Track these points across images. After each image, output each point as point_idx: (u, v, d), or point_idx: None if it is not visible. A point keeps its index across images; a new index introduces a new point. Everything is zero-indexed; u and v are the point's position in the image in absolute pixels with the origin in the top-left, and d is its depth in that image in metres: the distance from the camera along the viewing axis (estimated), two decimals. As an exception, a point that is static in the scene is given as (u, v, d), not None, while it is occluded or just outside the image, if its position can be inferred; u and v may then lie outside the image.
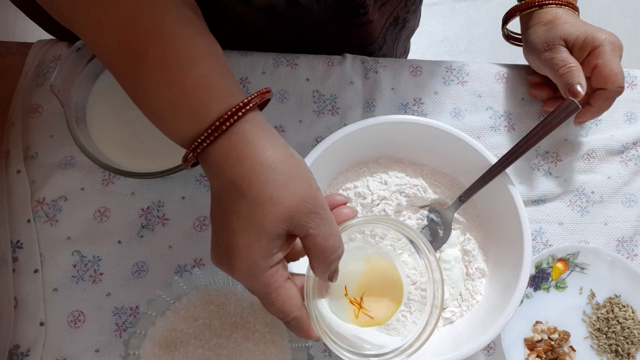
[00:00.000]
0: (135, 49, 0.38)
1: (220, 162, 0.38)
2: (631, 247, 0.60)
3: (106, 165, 0.55)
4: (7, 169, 0.59)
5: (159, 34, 0.38)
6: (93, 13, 0.38)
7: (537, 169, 0.63)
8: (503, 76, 0.66)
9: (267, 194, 0.36)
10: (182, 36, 0.38)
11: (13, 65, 0.64)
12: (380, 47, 0.72)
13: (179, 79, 0.38)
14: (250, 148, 0.37)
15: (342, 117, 0.63)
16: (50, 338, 0.54)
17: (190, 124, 0.38)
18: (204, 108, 0.38)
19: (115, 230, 0.58)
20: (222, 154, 0.38)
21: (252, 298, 0.53)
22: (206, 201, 0.59)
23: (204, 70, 0.38)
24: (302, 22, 0.63)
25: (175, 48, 0.38)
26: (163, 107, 0.38)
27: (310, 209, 0.37)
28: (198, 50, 0.39)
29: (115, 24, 0.38)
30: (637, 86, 0.67)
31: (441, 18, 1.71)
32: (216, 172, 0.38)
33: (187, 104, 0.38)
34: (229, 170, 0.37)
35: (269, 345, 0.51)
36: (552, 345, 0.56)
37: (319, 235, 0.37)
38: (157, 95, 0.38)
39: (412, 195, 0.57)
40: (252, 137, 0.38)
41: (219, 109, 0.38)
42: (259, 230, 0.36)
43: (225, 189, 0.37)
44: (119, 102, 0.59)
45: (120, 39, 0.38)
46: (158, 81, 0.38)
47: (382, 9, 0.66)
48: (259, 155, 0.37)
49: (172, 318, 0.52)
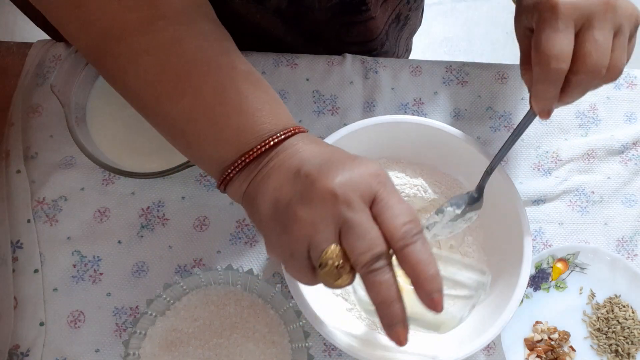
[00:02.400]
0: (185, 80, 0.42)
1: (275, 163, 0.40)
2: (631, 247, 0.60)
3: (106, 165, 0.55)
4: (7, 169, 0.59)
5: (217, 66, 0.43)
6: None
7: (537, 169, 0.63)
8: (503, 76, 0.66)
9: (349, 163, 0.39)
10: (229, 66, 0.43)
11: (13, 65, 0.64)
12: (383, 44, 0.72)
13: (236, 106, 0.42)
14: (309, 144, 0.42)
15: (342, 117, 0.63)
16: (50, 338, 0.54)
17: (243, 141, 0.42)
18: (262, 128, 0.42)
19: (115, 230, 0.58)
20: (277, 158, 0.41)
21: (252, 298, 0.53)
22: (206, 201, 0.59)
23: (261, 97, 0.43)
24: (304, 19, 0.63)
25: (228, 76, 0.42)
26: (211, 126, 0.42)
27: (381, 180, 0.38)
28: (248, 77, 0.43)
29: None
30: (637, 86, 0.67)
31: (441, 18, 1.71)
32: (269, 174, 0.40)
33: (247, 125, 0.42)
34: (290, 161, 0.40)
35: (269, 345, 0.51)
36: (552, 345, 0.56)
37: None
38: (206, 117, 0.42)
39: (412, 195, 0.57)
40: (308, 140, 0.42)
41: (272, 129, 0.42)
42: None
43: (294, 173, 0.39)
44: (119, 102, 0.58)
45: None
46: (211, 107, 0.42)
47: (384, 6, 0.66)
48: (325, 146, 0.42)
49: (172, 318, 0.52)
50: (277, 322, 0.52)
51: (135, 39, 0.42)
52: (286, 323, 0.52)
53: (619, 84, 0.66)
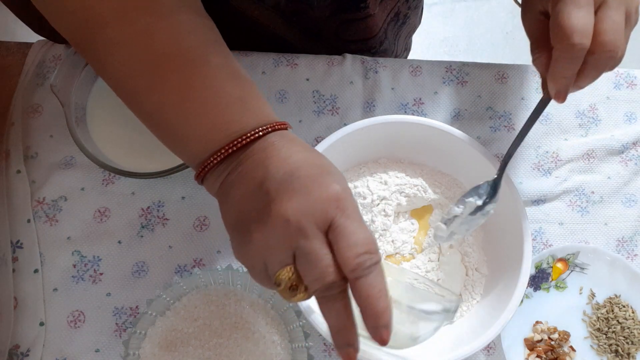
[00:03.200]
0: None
1: (249, 164, 0.39)
2: (631, 247, 0.60)
3: (106, 165, 0.55)
4: (7, 169, 0.59)
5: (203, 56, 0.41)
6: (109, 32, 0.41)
7: (537, 169, 0.63)
8: (503, 76, 0.66)
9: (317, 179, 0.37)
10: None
11: (13, 65, 0.64)
12: (381, 43, 0.72)
13: (214, 96, 0.41)
14: (281, 148, 0.40)
15: (342, 117, 0.63)
16: (50, 338, 0.54)
17: (218, 135, 0.40)
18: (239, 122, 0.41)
19: (115, 230, 0.58)
20: (250, 155, 0.39)
21: (252, 298, 0.53)
22: (206, 201, 0.59)
23: (238, 90, 0.41)
24: (303, 16, 0.63)
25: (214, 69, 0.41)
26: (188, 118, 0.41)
27: (339, 204, 0.37)
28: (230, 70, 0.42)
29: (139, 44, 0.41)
30: (637, 86, 0.67)
31: (441, 18, 1.71)
32: (246, 173, 0.39)
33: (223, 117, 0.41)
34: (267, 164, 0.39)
35: (269, 345, 0.51)
36: (552, 345, 0.56)
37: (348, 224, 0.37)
38: (185, 107, 0.41)
39: (412, 195, 0.57)
40: (281, 144, 0.40)
41: (249, 124, 0.40)
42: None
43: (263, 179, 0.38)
44: (119, 102, 0.58)
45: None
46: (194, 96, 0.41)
47: (383, 4, 0.66)
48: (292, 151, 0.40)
49: (172, 318, 0.52)
50: (277, 322, 0.52)
51: (109, 30, 0.41)
52: (286, 323, 0.52)
53: (619, 83, 0.66)
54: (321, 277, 0.35)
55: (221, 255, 0.57)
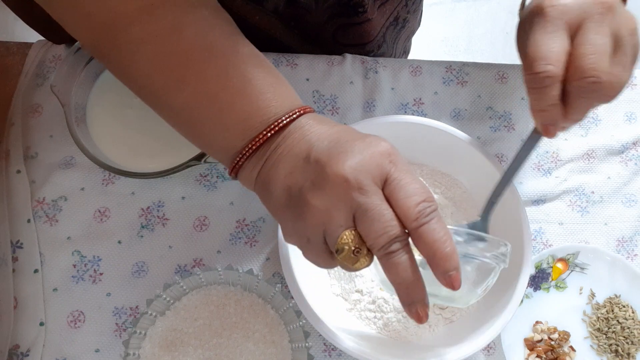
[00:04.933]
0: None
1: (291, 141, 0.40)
2: (631, 247, 0.60)
3: (106, 165, 0.55)
4: (7, 169, 0.59)
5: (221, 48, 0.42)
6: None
7: (537, 169, 0.63)
8: (503, 76, 0.66)
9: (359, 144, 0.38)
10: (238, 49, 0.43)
11: (13, 65, 0.64)
12: (379, 46, 0.72)
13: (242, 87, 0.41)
14: (316, 125, 0.41)
15: (342, 117, 0.63)
16: (50, 338, 0.54)
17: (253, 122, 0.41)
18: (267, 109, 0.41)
19: (115, 230, 0.58)
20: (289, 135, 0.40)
21: (252, 298, 0.53)
22: (206, 201, 0.59)
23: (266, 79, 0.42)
24: (301, 21, 0.63)
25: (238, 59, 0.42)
26: (220, 112, 0.41)
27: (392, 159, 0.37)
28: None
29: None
30: (637, 86, 0.67)
31: (441, 18, 1.71)
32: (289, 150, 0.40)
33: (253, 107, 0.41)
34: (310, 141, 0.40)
35: (269, 345, 0.51)
36: (552, 345, 0.56)
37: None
38: (217, 100, 0.41)
39: (412, 195, 0.57)
40: (315, 122, 0.41)
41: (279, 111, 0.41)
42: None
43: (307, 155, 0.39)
44: (119, 102, 0.59)
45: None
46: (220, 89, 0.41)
47: (382, 8, 0.66)
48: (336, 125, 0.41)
49: (172, 318, 0.52)
50: (277, 322, 0.52)
51: (134, 29, 0.42)
52: (286, 323, 0.52)
53: (619, 84, 0.66)
54: (385, 232, 0.35)
55: (221, 255, 0.57)
